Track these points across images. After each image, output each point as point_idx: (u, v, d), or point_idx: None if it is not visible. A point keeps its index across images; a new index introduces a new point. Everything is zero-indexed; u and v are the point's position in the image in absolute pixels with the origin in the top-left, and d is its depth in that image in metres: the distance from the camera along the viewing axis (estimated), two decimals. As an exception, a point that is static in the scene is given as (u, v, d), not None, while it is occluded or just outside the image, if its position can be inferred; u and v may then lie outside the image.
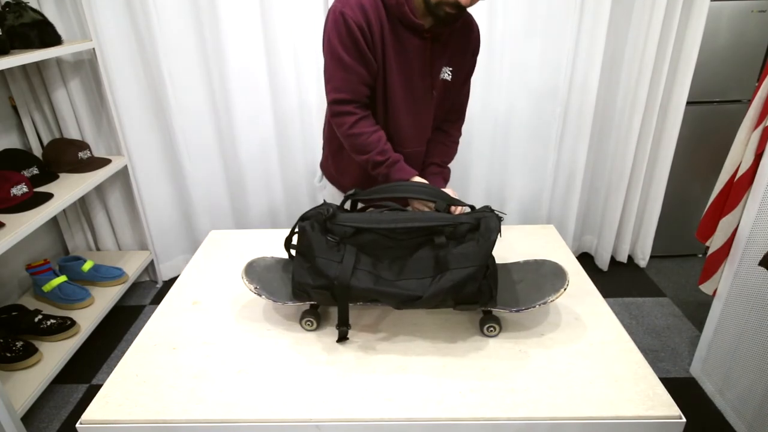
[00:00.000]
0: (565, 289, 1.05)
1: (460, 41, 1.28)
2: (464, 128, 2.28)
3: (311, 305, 1.12)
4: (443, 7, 1.11)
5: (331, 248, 1.03)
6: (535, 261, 1.18)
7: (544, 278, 1.11)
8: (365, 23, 1.14)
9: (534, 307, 1.03)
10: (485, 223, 1.02)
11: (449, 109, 1.39)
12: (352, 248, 1.03)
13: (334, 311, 1.17)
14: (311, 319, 1.10)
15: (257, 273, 1.16)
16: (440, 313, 1.15)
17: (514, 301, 1.07)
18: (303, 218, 1.06)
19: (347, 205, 1.18)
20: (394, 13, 1.17)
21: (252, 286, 1.10)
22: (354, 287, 0.99)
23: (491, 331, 1.07)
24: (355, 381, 0.96)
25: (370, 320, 1.13)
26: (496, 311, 1.07)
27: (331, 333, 1.10)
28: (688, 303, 2.36)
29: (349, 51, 1.16)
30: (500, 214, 1.06)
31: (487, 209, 1.07)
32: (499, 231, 1.02)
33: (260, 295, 1.09)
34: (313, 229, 1.04)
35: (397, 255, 1.04)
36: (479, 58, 2.15)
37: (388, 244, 1.04)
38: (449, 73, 1.28)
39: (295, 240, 1.09)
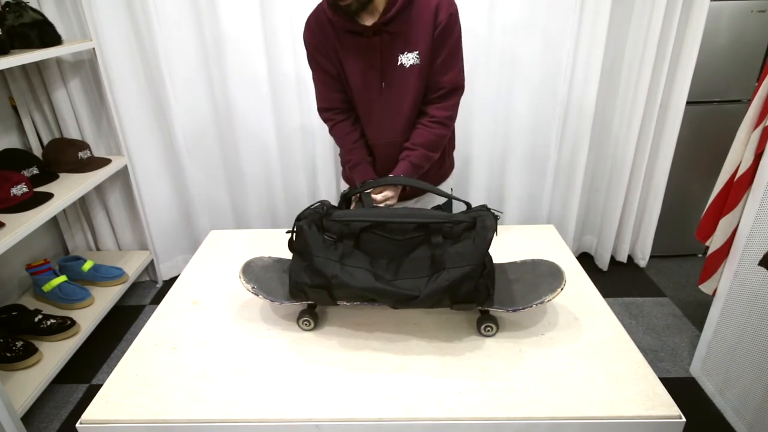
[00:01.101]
0: (561, 289, 1.05)
1: (418, 24, 1.27)
2: (464, 128, 2.33)
3: (309, 305, 1.12)
4: (338, 3, 1.20)
5: (329, 247, 1.03)
6: (533, 261, 1.18)
7: (541, 278, 1.11)
8: (314, 40, 1.32)
9: (531, 306, 1.03)
10: (481, 222, 1.02)
11: (427, 89, 1.36)
12: (349, 247, 1.03)
13: (332, 311, 1.17)
14: (308, 319, 1.10)
15: (255, 273, 1.16)
16: (440, 312, 1.15)
17: (511, 301, 1.06)
18: (300, 218, 1.06)
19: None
20: (334, 21, 1.27)
21: (249, 286, 1.10)
22: (351, 286, 0.99)
23: (488, 330, 1.07)
24: (354, 381, 0.96)
25: (370, 320, 1.13)
26: (493, 311, 1.07)
27: (331, 333, 1.10)
28: (688, 303, 2.36)
29: (314, 67, 1.37)
30: (496, 213, 1.06)
31: (484, 208, 1.07)
32: (495, 230, 1.02)
33: (257, 295, 1.09)
34: (310, 228, 1.04)
35: (394, 254, 1.04)
36: (480, 59, 2.21)
37: (386, 243, 1.04)
38: (415, 57, 1.28)
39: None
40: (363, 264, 1.01)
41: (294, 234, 1.07)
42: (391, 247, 1.04)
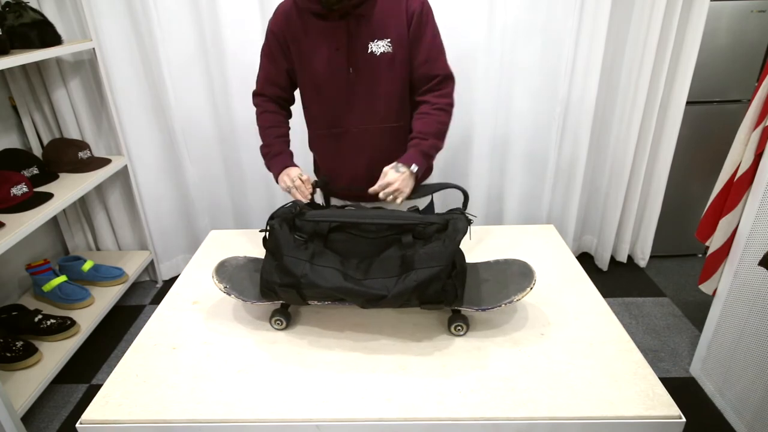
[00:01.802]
0: (531, 288, 1.05)
1: (388, 12, 1.26)
2: (463, 128, 2.33)
3: (282, 304, 1.12)
4: None
5: (299, 246, 1.03)
6: (505, 260, 1.18)
7: (511, 277, 1.11)
8: (279, 29, 1.32)
9: (500, 306, 1.04)
10: (453, 224, 1.03)
11: (419, 82, 1.34)
12: (320, 247, 1.03)
13: (332, 312, 1.17)
14: (280, 319, 1.10)
15: (228, 272, 1.16)
16: (440, 312, 1.15)
17: (480, 301, 1.07)
18: (272, 217, 1.07)
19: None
20: (299, 2, 1.26)
21: (222, 286, 1.11)
22: (320, 285, 0.99)
23: (459, 330, 1.07)
24: (354, 381, 0.96)
25: (370, 320, 1.13)
26: (463, 310, 1.08)
27: (330, 334, 1.10)
28: (688, 303, 2.36)
29: (267, 54, 1.38)
30: (470, 216, 1.06)
31: (458, 211, 1.08)
32: (466, 232, 1.02)
33: (229, 294, 1.10)
34: (282, 227, 1.04)
35: (365, 254, 1.04)
36: (480, 59, 2.20)
37: (357, 243, 1.04)
38: (386, 45, 1.27)
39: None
40: (333, 264, 1.02)
41: (265, 232, 1.07)
42: (363, 246, 1.04)
